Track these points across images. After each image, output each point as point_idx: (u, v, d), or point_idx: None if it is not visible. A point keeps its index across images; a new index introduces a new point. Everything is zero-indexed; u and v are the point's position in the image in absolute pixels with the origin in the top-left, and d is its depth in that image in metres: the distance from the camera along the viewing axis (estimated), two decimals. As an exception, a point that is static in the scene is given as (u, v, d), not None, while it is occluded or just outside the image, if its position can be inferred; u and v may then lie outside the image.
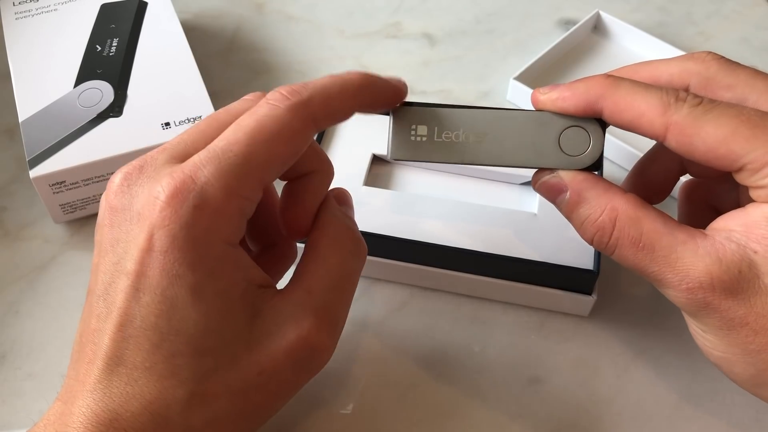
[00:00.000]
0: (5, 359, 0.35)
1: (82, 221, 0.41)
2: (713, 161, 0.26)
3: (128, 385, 0.24)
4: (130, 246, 0.25)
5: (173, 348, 0.24)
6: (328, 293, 0.27)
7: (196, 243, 0.24)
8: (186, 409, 0.24)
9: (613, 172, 0.43)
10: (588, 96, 0.27)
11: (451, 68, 0.50)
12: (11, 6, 0.46)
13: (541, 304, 0.36)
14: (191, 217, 0.24)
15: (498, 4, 0.55)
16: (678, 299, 0.26)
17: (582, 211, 0.28)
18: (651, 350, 0.35)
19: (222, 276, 0.25)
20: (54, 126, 0.39)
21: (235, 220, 0.25)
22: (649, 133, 0.27)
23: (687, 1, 0.55)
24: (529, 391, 0.34)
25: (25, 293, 0.38)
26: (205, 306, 0.24)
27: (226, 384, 0.25)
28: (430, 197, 0.38)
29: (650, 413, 0.33)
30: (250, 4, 0.55)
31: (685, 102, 0.26)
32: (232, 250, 0.25)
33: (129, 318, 0.24)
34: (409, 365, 0.35)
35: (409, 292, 0.37)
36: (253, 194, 0.25)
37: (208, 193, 0.24)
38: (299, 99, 0.26)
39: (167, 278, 0.24)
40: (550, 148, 0.28)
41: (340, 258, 0.28)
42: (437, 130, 0.28)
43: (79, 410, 0.24)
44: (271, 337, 0.25)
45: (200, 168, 0.25)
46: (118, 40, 0.44)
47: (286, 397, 0.27)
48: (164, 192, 0.24)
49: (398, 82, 0.29)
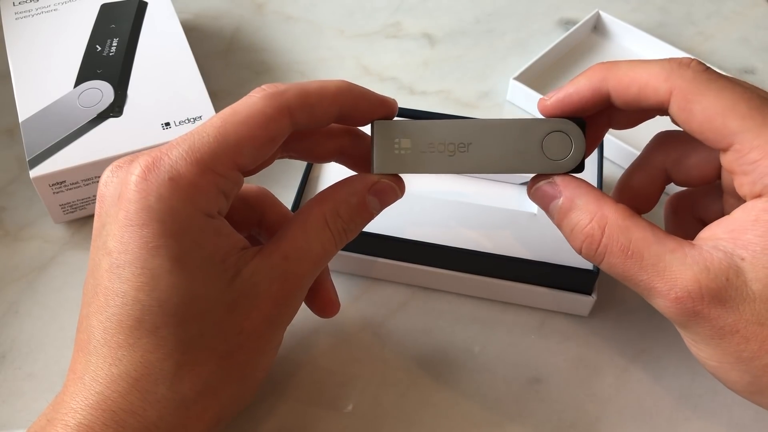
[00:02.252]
0: (5, 359, 0.35)
1: (82, 221, 0.41)
2: (707, 133, 0.26)
3: (113, 366, 0.25)
4: (112, 226, 0.25)
5: (157, 320, 0.25)
6: (301, 264, 0.27)
7: (175, 214, 0.25)
8: (175, 381, 0.25)
9: (613, 172, 0.43)
10: (591, 83, 0.28)
11: (451, 68, 0.50)
12: (11, 6, 0.46)
13: (541, 304, 0.36)
14: (166, 190, 0.25)
15: (498, 4, 0.55)
16: (667, 309, 0.26)
17: (573, 218, 0.28)
18: (651, 350, 0.35)
19: (204, 244, 0.25)
20: (54, 126, 0.39)
21: (211, 193, 0.26)
22: (655, 102, 0.27)
23: (687, 1, 0.55)
24: (529, 391, 0.34)
25: (24, 293, 0.38)
26: (188, 273, 0.25)
27: (211, 348, 0.26)
28: (430, 197, 0.38)
29: (650, 413, 0.33)
30: (250, 4, 0.55)
31: (689, 67, 0.26)
32: (212, 221, 0.26)
33: (111, 296, 0.25)
34: (409, 365, 0.35)
35: (409, 292, 0.37)
36: (227, 172, 0.26)
37: (181, 168, 0.25)
38: (275, 90, 0.27)
39: (147, 250, 0.24)
40: (534, 153, 0.28)
41: (323, 239, 0.28)
42: (421, 142, 0.28)
43: (70, 397, 0.25)
44: (249, 297, 0.26)
45: (173, 147, 0.25)
46: (118, 40, 0.44)
47: (266, 352, 0.28)
48: (138, 169, 0.25)
49: (387, 97, 0.29)
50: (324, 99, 0.27)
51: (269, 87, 0.27)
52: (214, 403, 0.26)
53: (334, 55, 0.51)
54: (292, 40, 0.52)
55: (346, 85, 0.28)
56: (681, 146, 0.30)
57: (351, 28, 0.53)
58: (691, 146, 0.30)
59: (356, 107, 0.28)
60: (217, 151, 0.25)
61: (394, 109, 0.30)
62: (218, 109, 0.40)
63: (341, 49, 0.52)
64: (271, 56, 0.51)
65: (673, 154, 0.30)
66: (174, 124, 0.39)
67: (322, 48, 0.52)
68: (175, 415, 0.25)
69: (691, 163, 0.30)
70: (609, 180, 0.41)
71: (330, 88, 0.27)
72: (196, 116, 0.40)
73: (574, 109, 0.28)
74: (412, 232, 0.36)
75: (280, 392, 0.33)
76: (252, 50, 0.51)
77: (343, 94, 0.28)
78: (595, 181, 0.38)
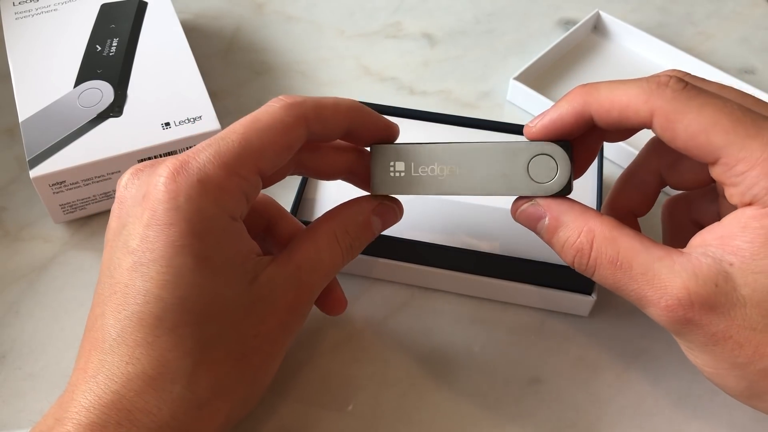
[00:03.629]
0: (5, 359, 0.35)
1: (82, 221, 0.41)
2: (693, 150, 0.26)
3: (129, 365, 0.25)
4: (135, 226, 0.26)
5: (177, 318, 0.25)
6: (313, 275, 0.29)
7: (202, 214, 0.25)
8: (192, 381, 0.25)
9: (613, 172, 0.43)
10: (573, 108, 0.28)
11: (451, 68, 0.50)
12: (11, 6, 0.46)
13: (541, 304, 0.36)
14: (195, 191, 0.25)
15: (498, 4, 0.55)
16: (660, 318, 0.26)
17: (561, 235, 0.28)
18: (651, 350, 0.35)
19: (228, 246, 0.26)
20: (54, 126, 0.39)
21: (236, 196, 0.26)
22: (637, 123, 0.27)
23: (687, 1, 0.55)
24: (529, 391, 0.34)
25: (25, 293, 0.38)
26: (211, 273, 0.25)
27: (228, 350, 0.26)
28: (431, 197, 0.38)
29: (650, 413, 0.33)
30: (250, 4, 0.55)
31: (668, 86, 0.26)
32: (235, 223, 0.27)
33: (132, 294, 0.25)
34: (409, 365, 0.35)
35: (409, 292, 0.37)
36: (250, 176, 0.27)
37: (209, 170, 0.26)
38: (293, 100, 0.28)
39: (173, 248, 0.25)
40: (520, 176, 0.29)
41: (333, 253, 0.30)
42: (413, 165, 0.30)
43: (81, 395, 0.25)
44: (265, 302, 0.27)
45: (200, 151, 0.26)
46: (118, 40, 0.44)
47: (277, 356, 0.29)
48: (167, 171, 0.26)
49: (392, 122, 0.31)
50: (338, 114, 0.29)
51: (288, 98, 0.28)
52: (226, 405, 0.27)
53: (334, 55, 0.51)
54: (292, 40, 0.52)
55: (358, 105, 0.30)
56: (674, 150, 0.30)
57: (351, 28, 0.53)
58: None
59: (363, 126, 0.30)
60: (242, 155, 0.26)
61: (395, 134, 0.31)
62: (218, 109, 0.40)
63: (341, 49, 0.52)
64: (271, 56, 0.51)
65: (667, 158, 0.31)
66: (174, 124, 0.39)
67: (323, 48, 0.52)
68: (188, 414, 0.25)
69: (686, 168, 0.30)
70: (609, 180, 0.41)
71: (344, 105, 0.29)
72: (196, 116, 0.40)
73: (559, 133, 0.28)
74: (412, 233, 0.36)
75: (281, 392, 0.33)
76: (252, 50, 0.51)
77: (354, 112, 0.29)
78: (594, 182, 0.38)
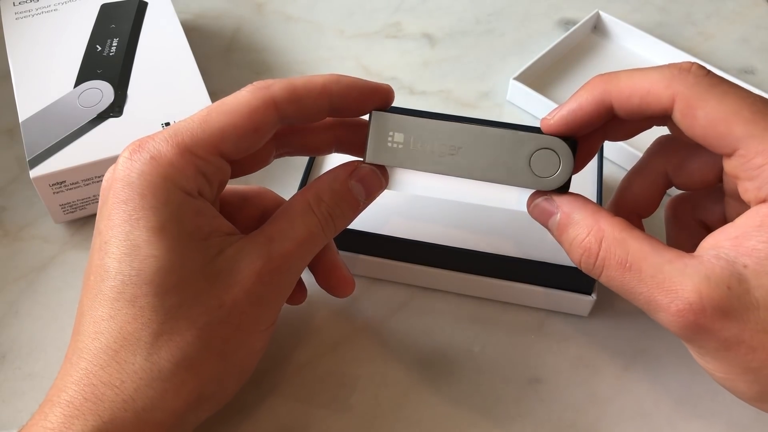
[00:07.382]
0: (5, 359, 0.35)
1: (82, 221, 0.41)
2: (711, 139, 0.25)
3: (95, 340, 0.25)
4: (102, 208, 0.27)
5: (136, 290, 0.25)
6: (284, 243, 0.28)
7: (154, 188, 0.26)
8: (152, 351, 0.25)
9: (613, 172, 0.43)
10: (593, 96, 0.27)
11: (451, 68, 0.50)
12: (11, 6, 0.46)
13: (541, 304, 0.36)
14: (146, 166, 0.26)
15: (498, 4, 0.55)
16: (671, 323, 0.25)
17: (570, 232, 0.28)
18: (651, 350, 0.35)
19: (184, 220, 0.26)
20: (54, 126, 0.39)
21: (188, 172, 0.27)
22: (658, 109, 0.26)
23: (687, 1, 0.55)
24: (529, 391, 0.34)
25: (24, 293, 0.38)
26: (167, 244, 0.26)
27: (190, 319, 0.26)
28: (430, 197, 0.38)
29: (650, 413, 0.33)
30: (250, 4, 0.55)
31: (690, 72, 0.26)
32: (192, 200, 0.27)
33: (98, 273, 0.26)
34: (409, 365, 0.35)
35: (409, 292, 0.37)
36: (208, 156, 0.27)
37: (162, 148, 0.27)
38: (262, 84, 0.28)
39: (128, 223, 0.26)
40: (521, 168, 0.28)
41: (308, 222, 0.29)
42: (413, 139, 0.29)
43: (59, 378, 0.26)
44: (231, 273, 0.27)
45: (159, 133, 0.27)
46: (118, 40, 0.44)
47: (249, 332, 0.28)
48: (126, 152, 0.27)
49: (380, 83, 0.30)
50: (311, 91, 0.28)
51: (258, 83, 0.28)
52: (193, 378, 0.26)
53: (334, 55, 0.51)
54: (292, 40, 0.52)
55: (335, 77, 0.29)
56: (682, 150, 0.30)
57: (351, 28, 0.53)
58: (692, 150, 0.29)
59: (347, 97, 0.29)
60: (199, 136, 0.27)
61: (389, 95, 0.30)
62: (218, 109, 0.40)
63: (341, 49, 0.52)
64: (271, 56, 0.51)
65: (674, 158, 0.30)
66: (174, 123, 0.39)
67: (322, 48, 0.52)
68: (151, 386, 0.25)
69: (693, 168, 0.30)
70: (609, 180, 0.41)
71: (317, 81, 0.28)
72: (196, 116, 0.40)
73: (578, 125, 0.28)
74: (412, 233, 0.36)
75: (281, 392, 0.33)
76: (252, 50, 0.51)
77: (332, 85, 0.28)
78: (594, 182, 0.38)
